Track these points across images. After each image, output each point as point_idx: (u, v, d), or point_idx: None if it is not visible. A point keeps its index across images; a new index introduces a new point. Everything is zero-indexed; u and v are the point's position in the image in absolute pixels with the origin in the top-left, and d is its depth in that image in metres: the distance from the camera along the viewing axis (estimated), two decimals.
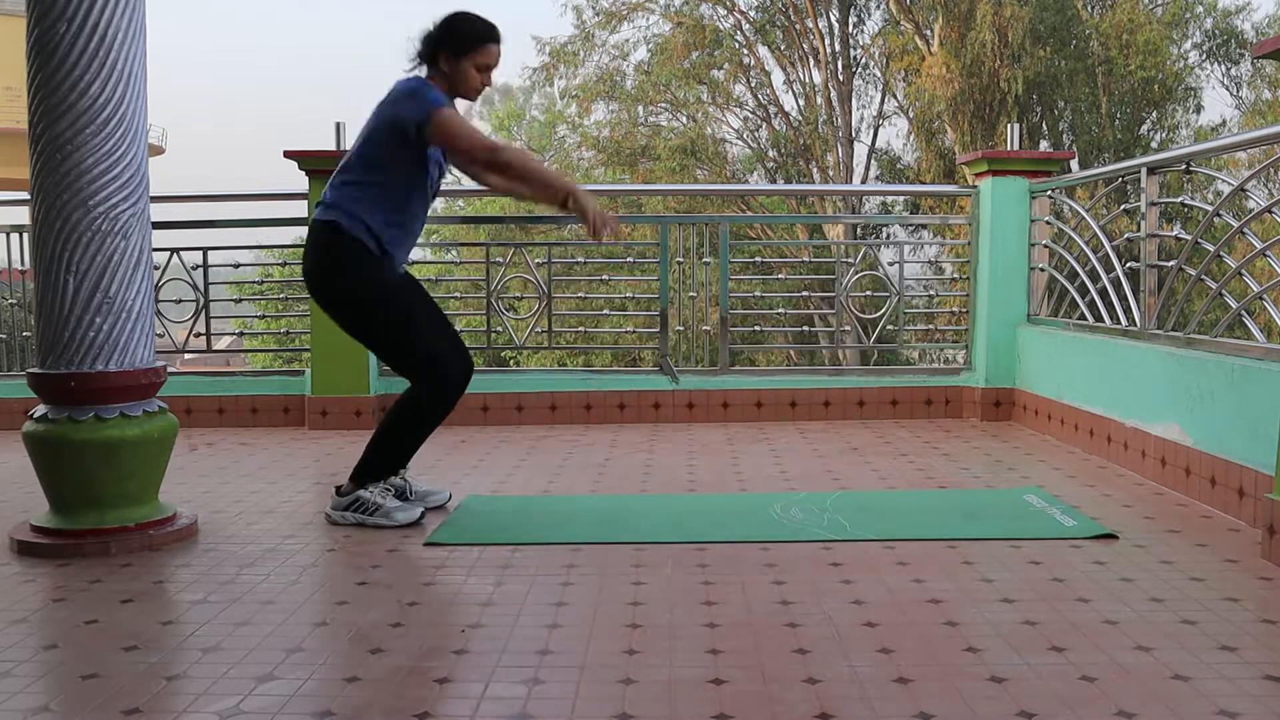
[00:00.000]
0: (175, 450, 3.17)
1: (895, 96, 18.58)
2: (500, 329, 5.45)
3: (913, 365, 6.52)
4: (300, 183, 5.08)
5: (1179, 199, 4.24)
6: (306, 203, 5.04)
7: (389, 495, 3.19)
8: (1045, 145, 17.69)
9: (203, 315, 5.27)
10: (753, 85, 19.02)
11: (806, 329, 7.24)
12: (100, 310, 2.88)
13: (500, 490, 3.67)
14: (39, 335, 2.93)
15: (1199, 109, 17.48)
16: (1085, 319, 4.46)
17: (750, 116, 19.33)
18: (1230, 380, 3.17)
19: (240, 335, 7.90)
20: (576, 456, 4.29)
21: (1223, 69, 17.77)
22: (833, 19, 18.48)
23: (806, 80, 18.79)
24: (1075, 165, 7.91)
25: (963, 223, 5.46)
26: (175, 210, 5.38)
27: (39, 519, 2.95)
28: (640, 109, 19.15)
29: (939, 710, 1.81)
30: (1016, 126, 5.28)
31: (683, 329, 5.31)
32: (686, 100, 18.97)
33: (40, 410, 2.93)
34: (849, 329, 5.39)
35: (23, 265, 5.19)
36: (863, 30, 18.76)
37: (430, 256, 16.20)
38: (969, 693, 1.88)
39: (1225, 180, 4.24)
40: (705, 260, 5.28)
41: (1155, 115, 17.31)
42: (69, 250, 2.85)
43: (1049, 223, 4.97)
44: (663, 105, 19.29)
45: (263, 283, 6.30)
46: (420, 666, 2.04)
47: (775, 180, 19.02)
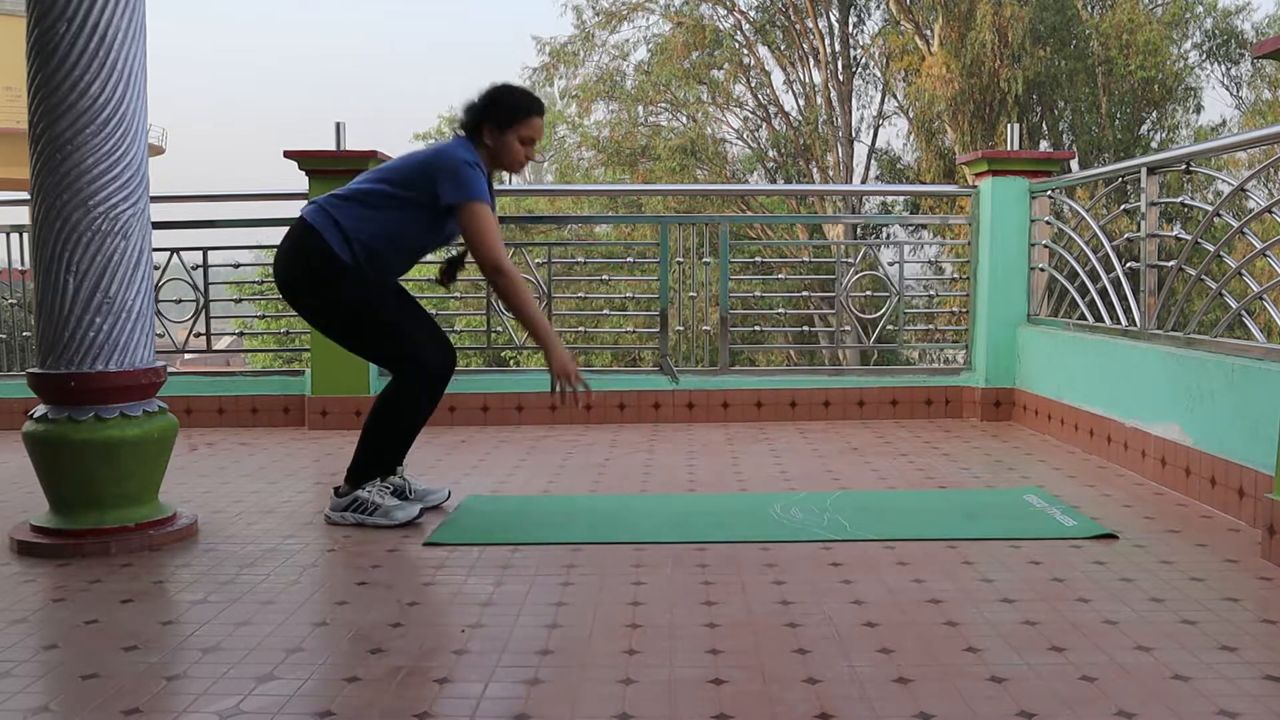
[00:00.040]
0: (175, 450, 3.17)
1: (895, 96, 18.58)
2: (500, 329, 5.45)
3: (913, 365, 6.52)
4: (300, 183, 5.09)
5: (1179, 199, 4.24)
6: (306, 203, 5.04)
7: (388, 494, 3.19)
8: (1045, 145, 17.69)
9: (203, 315, 5.27)
10: (753, 85, 19.01)
11: (806, 329, 7.23)
12: (100, 310, 2.88)
13: (500, 490, 3.67)
14: (39, 335, 2.93)
15: (1199, 109, 17.49)
16: (1085, 319, 4.46)
17: (750, 116, 19.33)
18: (1230, 380, 3.17)
19: (240, 335, 7.91)
20: (576, 456, 4.29)
21: (1223, 69, 17.79)
22: (833, 19, 18.48)
23: (806, 80, 18.79)
24: (1075, 165, 7.90)
25: (963, 223, 5.46)
26: (175, 210, 5.38)
27: (39, 519, 2.95)
28: (640, 109, 19.14)
29: (939, 710, 1.81)
30: (1016, 126, 5.28)
31: (683, 329, 5.31)
32: (686, 100, 18.96)
33: (40, 410, 2.93)
34: (849, 329, 5.39)
35: (23, 265, 5.19)
36: (863, 30, 18.79)
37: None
38: (969, 693, 1.88)
39: (1225, 180, 4.24)
40: (705, 260, 5.28)
41: (1155, 115, 17.30)
42: (69, 250, 2.85)
43: (1049, 223, 4.97)
44: (663, 105, 19.28)
45: (263, 283, 6.28)
46: (420, 666, 2.04)
47: (775, 180, 19.01)
